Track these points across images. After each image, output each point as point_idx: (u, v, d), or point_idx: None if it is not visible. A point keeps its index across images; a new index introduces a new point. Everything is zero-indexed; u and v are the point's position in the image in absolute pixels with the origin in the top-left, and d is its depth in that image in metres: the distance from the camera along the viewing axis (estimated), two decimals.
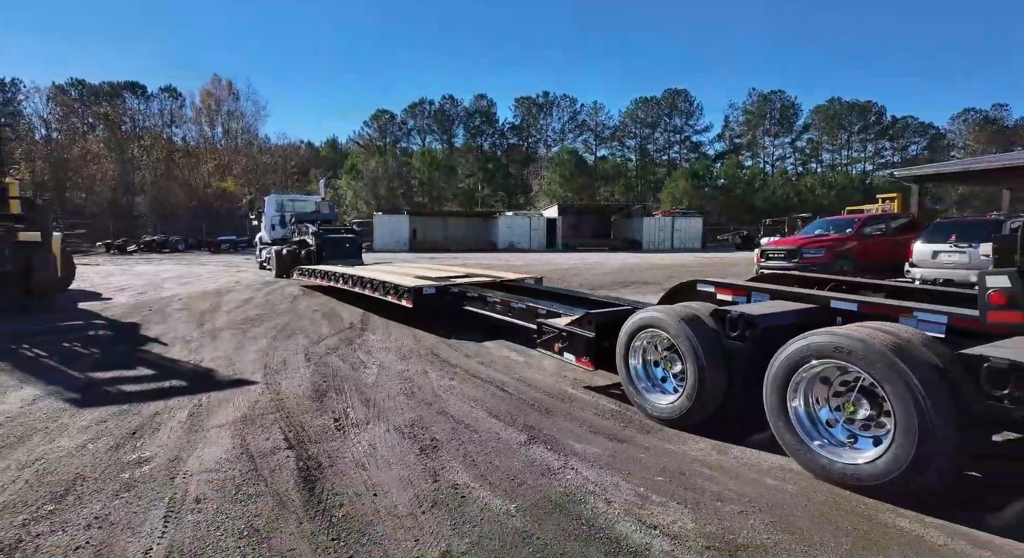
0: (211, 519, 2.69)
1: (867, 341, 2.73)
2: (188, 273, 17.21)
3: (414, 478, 3.11)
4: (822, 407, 3.09)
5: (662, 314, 3.90)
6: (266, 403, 4.50)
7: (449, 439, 3.69)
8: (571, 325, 4.75)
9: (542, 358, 5.87)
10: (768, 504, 2.72)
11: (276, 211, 17.84)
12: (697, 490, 2.89)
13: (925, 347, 2.64)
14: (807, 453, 3.01)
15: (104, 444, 3.65)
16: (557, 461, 3.29)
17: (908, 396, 2.56)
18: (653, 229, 42.17)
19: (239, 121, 56.58)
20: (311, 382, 5.10)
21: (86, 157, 44.24)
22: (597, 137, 77.02)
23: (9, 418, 4.13)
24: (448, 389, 4.86)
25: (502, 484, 3.00)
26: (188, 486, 3.04)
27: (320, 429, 3.90)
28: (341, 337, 7.20)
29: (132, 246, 32.59)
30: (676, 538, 2.43)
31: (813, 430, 3.04)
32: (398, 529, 2.58)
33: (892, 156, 76.74)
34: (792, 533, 2.46)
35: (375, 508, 2.78)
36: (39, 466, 3.30)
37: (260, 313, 9.11)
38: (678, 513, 2.65)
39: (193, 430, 3.90)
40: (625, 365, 4.19)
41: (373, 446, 3.60)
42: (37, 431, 3.88)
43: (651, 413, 3.98)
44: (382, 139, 73.53)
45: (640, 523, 2.56)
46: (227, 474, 3.19)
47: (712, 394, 3.61)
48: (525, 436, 3.70)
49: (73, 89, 58.55)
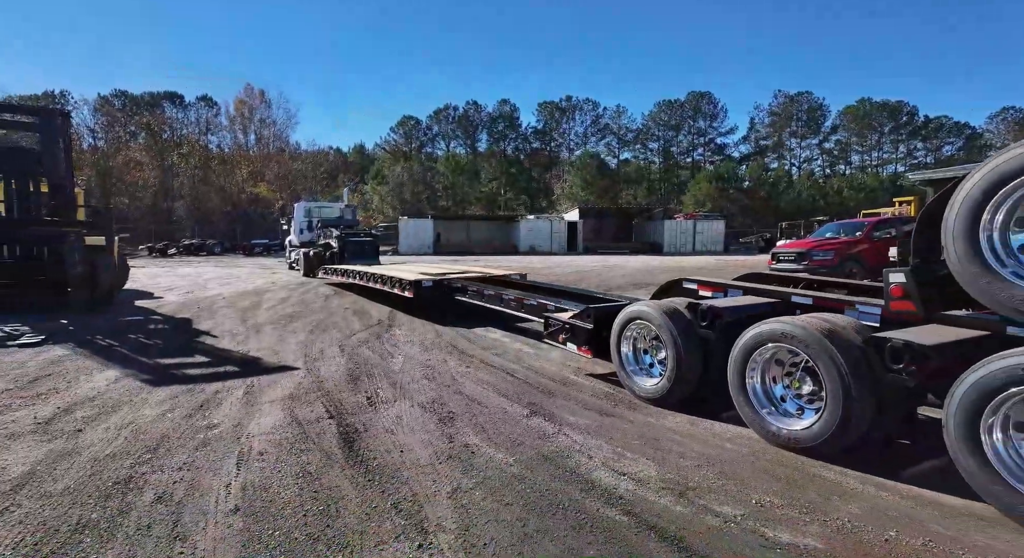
0: (273, 465, 3.40)
1: (806, 328, 3.30)
2: (227, 275, 18.33)
3: (433, 440, 3.78)
4: (777, 384, 3.65)
5: (648, 308, 4.50)
6: (308, 384, 5.23)
7: (463, 412, 4.35)
8: (573, 318, 5.37)
9: (551, 351, 6.50)
10: (721, 461, 3.31)
11: (305, 217, 20.06)
12: (665, 450, 3.49)
13: (851, 332, 3.20)
14: (761, 422, 3.58)
15: (179, 413, 4.41)
16: (552, 429, 3.92)
17: (835, 370, 3.12)
18: (675, 232, 42.29)
19: (271, 128, 58.75)
20: (346, 368, 5.83)
21: (129, 164, 46.59)
22: (620, 140, 77.20)
23: (100, 393, 4.94)
24: (464, 374, 5.53)
25: (505, 444, 3.65)
26: (251, 443, 3.77)
27: (355, 404, 4.61)
28: (370, 332, 7.95)
29: (172, 249, 34.28)
30: (640, 482, 3.04)
31: (767, 403, 3.61)
32: (419, 474, 3.24)
33: (925, 157, 74.93)
34: (734, 480, 3.04)
35: (402, 460, 3.46)
36: (132, 428, 4.07)
37: (297, 311, 9.94)
38: (645, 465, 3.26)
39: (249, 404, 4.65)
40: (617, 352, 4.80)
41: (399, 417, 4.28)
42: (124, 403, 4.68)
43: (638, 394, 4.58)
44: (408, 144, 75.08)
45: (613, 472, 3.18)
46: (282, 436, 3.91)
47: (689, 376, 4.20)
48: (527, 410, 4.34)
49: (116, 100, 61.54)
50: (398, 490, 3.05)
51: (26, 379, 5.33)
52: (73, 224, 9.42)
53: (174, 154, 50.26)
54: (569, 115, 76.27)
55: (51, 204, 9.34)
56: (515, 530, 2.58)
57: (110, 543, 2.53)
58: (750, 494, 2.87)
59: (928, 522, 2.57)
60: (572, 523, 2.63)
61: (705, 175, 62.04)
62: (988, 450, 2.52)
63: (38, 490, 3.06)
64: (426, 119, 74.86)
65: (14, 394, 4.85)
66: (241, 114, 58.67)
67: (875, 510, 2.69)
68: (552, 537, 2.52)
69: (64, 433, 3.94)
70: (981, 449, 2.54)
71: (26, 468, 3.34)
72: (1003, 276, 2.55)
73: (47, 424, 4.12)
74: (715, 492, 2.90)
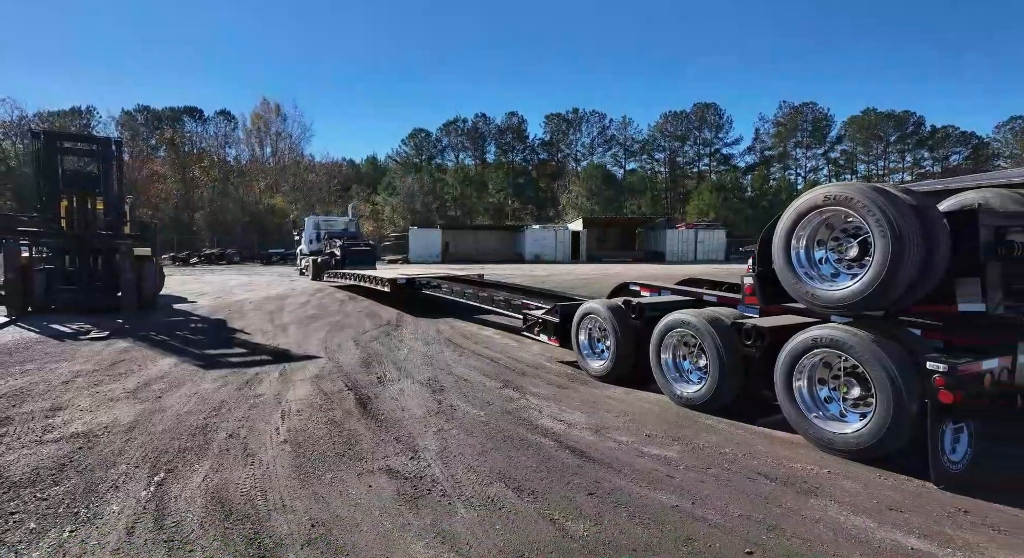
0: (308, 418, 4.65)
1: (695, 319, 4.52)
2: (250, 282, 19.77)
3: (426, 403, 5.02)
4: (684, 360, 4.85)
5: (597, 305, 5.73)
6: (330, 368, 6.50)
7: (452, 387, 5.59)
8: (545, 314, 6.61)
9: (533, 345, 7.72)
10: (635, 413, 4.52)
11: (314, 229, 23.45)
12: (597, 407, 4.71)
13: (727, 320, 4.40)
14: (669, 387, 4.79)
15: (231, 387, 5.69)
16: (517, 395, 5.15)
17: (714, 348, 4.33)
18: (676, 241, 43.37)
19: (286, 141, 60.81)
20: (360, 357, 7.09)
21: (152, 177, 48.70)
22: (626, 151, 78.48)
23: (166, 373, 6.25)
24: (456, 361, 6.78)
25: (479, 404, 4.89)
26: (290, 406, 5.03)
27: (368, 381, 5.86)
28: (381, 330, 9.22)
29: (194, 258, 35.98)
30: (570, 425, 4.26)
31: (676, 374, 4.82)
32: (415, 423, 4.48)
33: (932, 166, 75.25)
34: (637, 422, 4.26)
35: (402, 415, 4.70)
36: (198, 396, 5.35)
37: (316, 313, 11.26)
38: (579, 416, 4.48)
39: (284, 381, 5.92)
40: (576, 341, 6.02)
41: (402, 390, 5.53)
42: (187, 380, 5.97)
43: (591, 373, 5.80)
44: (418, 156, 76.89)
45: (554, 419, 4.41)
46: (312, 401, 5.16)
47: (626, 358, 5.40)
48: (501, 384, 5.58)
49: (139, 115, 64.06)
50: (399, 430, 4.29)
51: (106, 363, 6.65)
52: (125, 237, 10.85)
53: (195, 167, 52.43)
54: (576, 126, 77.74)
55: (106, 219, 10.77)
56: (476, 449, 3.81)
57: (205, 458, 3.78)
58: (644, 430, 4.08)
59: (755, 444, 3.77)
60: (516, 445, 3.86)
61: (708, 185, 63.05)
62: (796, 394, 3.72)
63: (146, 430, 4.33)
64: (436, 131, 76.80)
65: (102, 373, 6.17)
66: (257, 128, 60.85)
67: (725, 439, 3.89)
68: (500, 453, 3.74)
69: (149, 398, 5.24)
70: (793, 394, 3.73)
71: (131, 419, 4.62)
72: (801, 277, 3.75)
73: (134, 393, 5.42)
74: (620, 429, 4.11)
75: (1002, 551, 2.42)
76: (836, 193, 3.54)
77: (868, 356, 3.34)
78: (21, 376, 5.96)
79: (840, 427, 3.56)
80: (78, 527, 2.82)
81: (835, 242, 3.73)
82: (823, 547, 2.47)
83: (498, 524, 2.80)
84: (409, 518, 2.89)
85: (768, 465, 3.43)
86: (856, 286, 3.43)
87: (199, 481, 3.37)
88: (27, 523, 2.85)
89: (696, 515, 2.78)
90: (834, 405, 3.70)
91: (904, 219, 3.22)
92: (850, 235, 3.63)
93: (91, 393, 5.35)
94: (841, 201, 3.50)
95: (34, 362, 6.63)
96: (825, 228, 3.76)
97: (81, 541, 2.69)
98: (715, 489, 3.09)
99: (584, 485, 3.18)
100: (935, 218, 3.31)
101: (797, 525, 2.66)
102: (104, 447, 3.94)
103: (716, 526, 2.67)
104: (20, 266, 10.01)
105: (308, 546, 2.64)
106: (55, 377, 5.94)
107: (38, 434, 4.19)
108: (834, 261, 3.74)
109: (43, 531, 2.78)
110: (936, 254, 3.27)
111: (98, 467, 3.59)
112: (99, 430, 4.29)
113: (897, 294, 3.31)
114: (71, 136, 12.84)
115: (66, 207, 10.54)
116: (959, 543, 2.48)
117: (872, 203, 3.32)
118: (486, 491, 3.16)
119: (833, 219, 3.67)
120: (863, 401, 3.52)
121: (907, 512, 2.78)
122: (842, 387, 3.61)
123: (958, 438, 3.16)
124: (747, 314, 4.62)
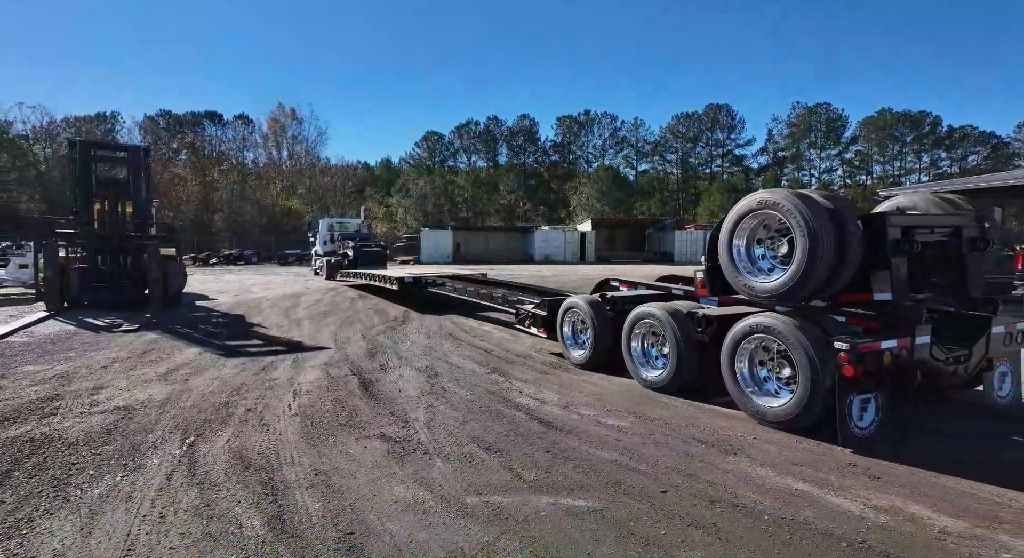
0: (316, 396, 5.29)
1: (659, 311, 5.08)
2: (267, 281, 20.64)
3: (421, 386, 5.64)
4: (652, 348, 5.41)
5: (579, 299, 6.30)
6: (338, 357, 7.15)
7: (445, 373, 6.20)
8: (534, 308, 7.20)
9: (526, 339, 8.30)
10: (603, 394, 5.10)
11: (328, 230, 24.21)
12: (571, 389, 5.29)
13: (684, 311, 4.96)
14: (636, 371, 5.36)
15: (249, 372, 6.36)
16: (502, 379, 5.75)
17: (672, 336, 4.88)
18: (686, 242, 43.58)
19: (302, 144, 62.20)
20: (366, 348, 7.74)
21: (174, 181, 50.21)
22: (638, 152, 78.74)
23: (191, 360, 6.95)
24: (453, 352, 7.39)
25: (467, 387, 5.49)
26: (301, 387, 5.68)
27: (371, 368, 6.50)
28: (387, 325, 9.88)
29: (213, 259, 37.15)
30: (543, 402, 4.85)
31: (643, 359, 5.38)
32: (409, 401, 5.10)
33: (950, 167, 74.35)
34: (603, 401, 4.83)
35: (399, 396, 5.32)
36: (220, 379, 6.03)
37: (328, 309, 11.97)
38: (553, 395, 5.06)
39: (297, 368, 6.58)
40: (560, 332, 6.60)
41: (401, 375, 6.15)
42: (209, 367, 6.66)
43: (573, 362, 6.37)
44: (431, 158, 78.00)
45: (531, 398, 5.00)
46: (321, 383, 5.81)
47: (603, 347, 5.97)
48: (490, 371, 6.18)
49: (161, 119, 65.97)
50: (394, 406, 4.91)
51: (138, 352, 7.38)
52: (152, 238, 11.65)
53: (214, 170, 53.89)
54: (587, 128, 78.24)
55: (135, 221, 11.59)
56: (458, 420, 4.42)
57: (227, 426, 4.44)
58: (607, 407, 4.65)
59: (700, 418, 4.33)
60: (492, 417, 4.46)
61: (718, 186, 63.03)
62: (737, 374, 4.26)
63: (176, 405, 5.01)
64: (448, 134, 77.84)
65: (135, 360, 6.89)
66: (274, 131, 62.33)
67: (675, 414, 4.45)
68: (478, 423, 4.35)
69: (177, 381, 5.93)
70: (735, 374, 4.28)
71: (164, 396, 5.30)
72: (740, 271, 4.29)
73: (165, 376, 6.12)
74: (586, 406, 4.69)
75: (868, 491, 2.96)
76: (767, 198, 4.09)
77: (792, 340, 3.88)
78: (65, 362, 6.70)
79: (772, 401, 4.10)
80: (128, 473, 3.48)
81: (771, 240, 4.27)
82: (725, 489, 3.03)
83: (467, 472, 3.40)
84: (395, 469, 3.50)
85: (704, 433, 3.98)
86: (783, 278, 3.97)
87: (223, 444, 4.02)
88: (87, 471, 3.52)
89: (629, 466, 3.36)
90: (770, 383, 4.23)
91: (819, 221, 3.76)
92: (783, 235, 4.17)
93: (127, 376, 6.06)
94: (770, 205, 4.04)
95: (75, 350, 7.39)
96: (763, 228, 4.30)
97: (131, 483, 3.34)
98: (652, 450, 3.65)
99: (543, 446, 3.77)
100: (848, 220, 3.84)
101: (710, 474, 3.22)
102: (142, 418, 4.62)
103: (643, 474, 3.24)
104: (58, 265, 10.87)
105: (311, 488, 3.26)
106: (95, 363, 6.67)
107: (86, 407, 4.89)
108: (770, 257, 4.28)
109: (100, 476, 3.44)
110: (848, 251, 3.80)
111: (139, 432, 4.26)
112: (137, 405, 4.98)
113: (815, 285, 3.84)
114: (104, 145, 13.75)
115: (98, 210, 11.37)
116: (835, 485, 3.02)
117: (795, 207, 3.86)
118: (461, 450, 3.76)
119: (768, 220, 4.21)
120: (793, 379, 4.06)
121: (805, 466, 3.32)
122: (775, 368, 4.15)
123: (865, 408, 3.69)
124: (705, 306, 5.16)
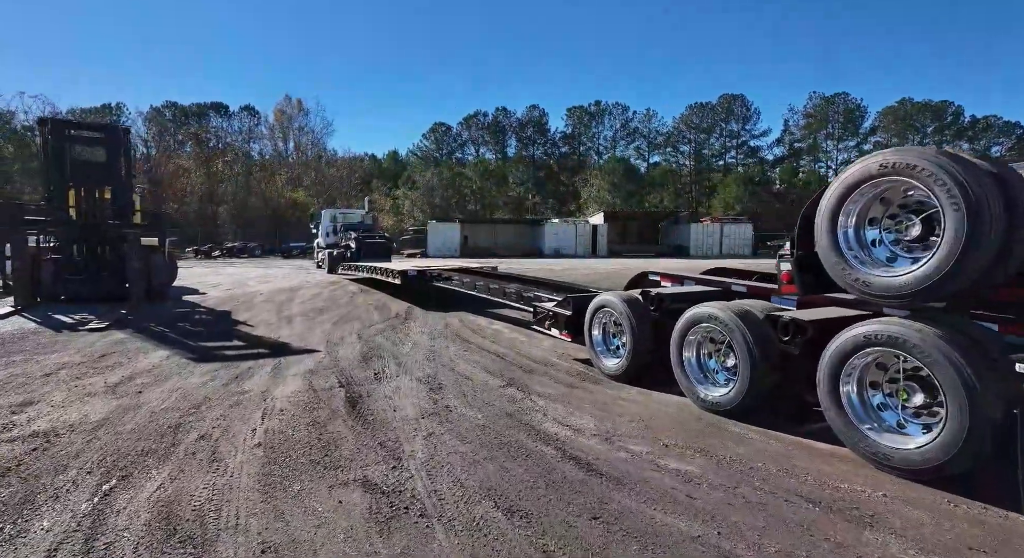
0: (290, 418, 4.23)
1: (722, 313, 3.95)
2: (266, 274, 19.68)
3: (422, 403, 4.56)
4: (710, 359, 4.29)
5: (612, 296, 5.19)
6: (327, 363, 6.09)
7: (451, 385, 5.12)
8: (556, 306, 6.09)
9: (543, 340, 7.21)
10: (650, 419, 3.98)
11: (331, 222, 23.05)
12: (609, 411, 4.18)
13: (757, 313, 3.83)
14: (692, 389, 4.24)
15: (218, 382, 5.32)
16: (520, 395, 4.66)
17: (744, 345, 3.76)
18: (701, 235, 42.23)
19: (308, 136, 61.22)
20: (360, 352, 6.68)
21: (178, 172, 49.42)
22: (650, 143, 76.97)
23: (155, 367, 5.92)
24: (460, 357, 6.31)
25: (478, 406, 4.41)
26: (275, 403, 4.62)
27: (363, 378, 5.44)
28: (388, 324, 8.82)
29: (216, 251, 36.35)
30: (577, 431, 3.75)
31: (699, 373, 4.26)
32: (405, 425, 4.03)
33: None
34: (653, 430, 3.72)
35: (393, 416, 4.25)
36: (181, 391, 4.99)
37: (325, 305, 10.93)
38: (587, 421, 3.96)
39: (276, 376, 5.53)
40: (589, 335, 5.49)
41: (398, 387, 5.08)
42: (173, 375, 5.62)
43: (604, 371, 5.27)
44: (439, 150, 76.69)
45: (559, 424, 3.90)
46: (299, 399, 4.75)
47: (643, 355, 4.86)
48: (505, 383, 5.09)
49: (167, 110, 65.17)
50: (385, 434, 3.84)
51: (96, 355, 6.37)
52: (132, 226, 10.65)
53: (219, 162, 53.01)
54: (598, 119, 76.49)
55: (113, 208, 10.60)
56: (467, 459, 3.34)
57: (166, 462, 3.39)
58: (661, 439, 3.54)
59: (794, 458, 3.21)
60: (512, 454, 3.37)
61: (734, 178, 61.34)
62: (844, 400, 3.14)
63: (112, 430, 3.97)
64: (456, 125, 76.41)
65: (87, 366, 5.87)
66: (280, 123, 61.37)
67: (757, 451, 3.33)
68: (494, 463, 3.26)
69: (128, 394, 4.89)
70: (839, 399, 3.16)
71: (102, 416, 4.27)
72: (849, 261, 3.16)
73: (114, 388, 5.09)
74: (633, 437, 3.59)
75: None
76: (895, 160, 2.95)
77: (936, 356, 2.75)
78: (4, 368, 5.69)
79: (900, 441, 2.97)
80: None
81: (891, 220, 3.13)
82: None
83: (481, 553, 2.32)
84: (378, 545, 2.43)
85: (810, 485, 2.87)
86: (920, 271, 2.84)
87: (149, 493, 2.97)
88: None
89: (723, 550, 2.26)
90: (889, 413, 3.11)
91: (983, 191, 2.62)
92: (911, 211, 3.03)
93: (69, 387, 5.04)
94: (902, 170, 2.90)
95: (23, 353, 6.39)
96: (879, 204, 3.16)
97: None
98: (745, 515, 2.55)
99: (587, 506, 2.67)
100: (1019, 190, 2.70)
101: None
102: (61, 449, 3.58)
103: None
104: (28, 256, 9.89)
105: None
106: (39, 369, 5.66)
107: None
108: (890, 243, 3.14)
109: None
110: (1020, 232, 2.66)
111: (46, 473, 3.22)
112: (62, 429, 3.94)
113: (971, 279, 2.71)
114: (78, 124, 12.73)
115: (74, 195, 10.39)
116: None
117: (941, 170, 2.72)
118: (472, 511, 2.68)
119: (890, 192, 3.07)
120: (927, 410, 2.94)
121: (992, 554, 2.22)
122: (901, 393, 3.02)
123: None
124: (782, 306, 4.04)
